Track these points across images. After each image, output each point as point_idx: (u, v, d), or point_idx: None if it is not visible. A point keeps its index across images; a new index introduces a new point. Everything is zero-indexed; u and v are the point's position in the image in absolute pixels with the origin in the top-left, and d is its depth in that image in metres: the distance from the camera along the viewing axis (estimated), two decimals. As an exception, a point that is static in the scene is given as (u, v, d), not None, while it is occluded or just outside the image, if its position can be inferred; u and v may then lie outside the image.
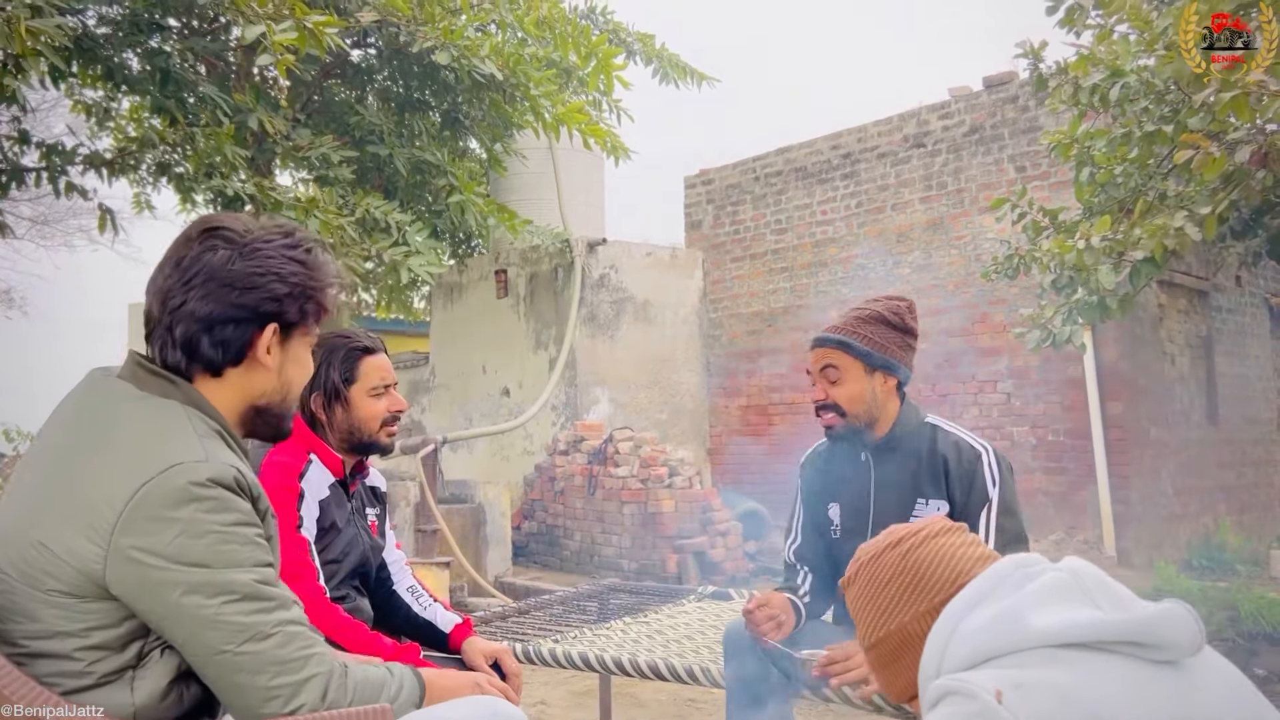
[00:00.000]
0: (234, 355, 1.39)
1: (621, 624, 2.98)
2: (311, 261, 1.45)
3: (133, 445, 1.31)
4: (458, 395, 10.48)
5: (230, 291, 1.37)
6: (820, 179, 9.22)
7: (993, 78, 8.10)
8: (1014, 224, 5.82)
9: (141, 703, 1.29)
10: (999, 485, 2.16)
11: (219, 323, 1.37)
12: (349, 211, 6.47)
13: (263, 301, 1.39)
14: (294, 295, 1.42)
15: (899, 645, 1.23)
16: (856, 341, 2.24)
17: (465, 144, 8.89)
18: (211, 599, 1.25)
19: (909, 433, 2.28)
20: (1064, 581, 1.11)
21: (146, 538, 1.25)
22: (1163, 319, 7.80)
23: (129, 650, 1.29)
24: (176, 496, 1.26)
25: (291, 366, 1.46)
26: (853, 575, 1.31)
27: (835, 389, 2.26)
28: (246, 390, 1.43)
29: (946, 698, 1.06)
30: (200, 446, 1.32)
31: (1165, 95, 5.04)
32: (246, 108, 6.30)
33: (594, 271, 9.42)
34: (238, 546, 1.29)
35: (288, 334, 1.44)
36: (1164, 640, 1.05)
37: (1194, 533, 7.74)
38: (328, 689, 1.30)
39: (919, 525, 1.28)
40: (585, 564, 7.99)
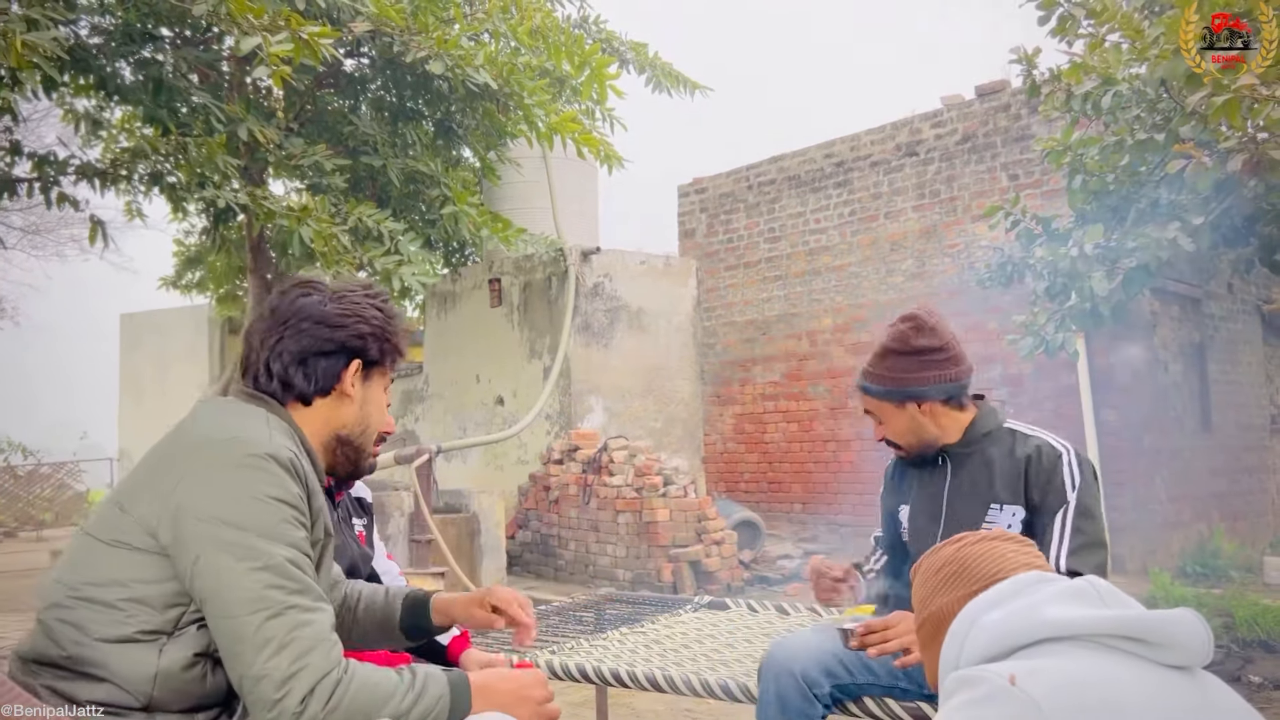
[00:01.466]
0: (324, 386, 1.58)
1: (619, 634, 2.97)
2: (388, 309, 1.65)
3: (205, 426, 1.47)
4: (452, 405, 10.46)
5: (323, 329, 1.57)
6: (813, 187, 9.23)
7: (985, 86, 8.13)
8: (1007, 231, 5.84)
9: (164, 667, 1.33)
10: (1078, 488, 2.11)
11: (313, 355, 1.56)
12: (341, 220, 6.46)
13: (350, 338, 1.58)
14: (375, 335, 1.61)
15: (935, 628, 1.29)
16: (873, 384, 2.26)
17: (459, 153, 8.89)
18: (238, 560, 1.31)
19: (983, 438, 2.23)
20: (1080, 587, 1.16)
21: (195, 492, 1.35)
22: (1156, 326, 7.82)
23: (168, 613, 1.35)
24: (231, 461, 1.38)
25: (371, 404, 1.65)
26: (916, 568, 1.41)
27: (882, 428, 2.31)
28: (332, 420, 1.60)
29: (961, 688, 1.10)
30: (266, 431, 1.45)
31: (1157, 104, 5.06)
32: (238, 117, 6.29)
33: (588, 280, 9.42)
34: (277, 520, 1.36)
35: (368, 373, 1.63)
36: (1171, 640, 1.06)
37: (1188, 540, 7.75)
38: (317, 685, 1.28)
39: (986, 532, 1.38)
40: (580, 573, 7.97)
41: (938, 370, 2.21)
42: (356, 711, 1.31)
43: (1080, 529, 2.07)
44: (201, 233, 9.66)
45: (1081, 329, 5.45)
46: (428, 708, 1.38)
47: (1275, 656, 5.11)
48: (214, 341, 13.85)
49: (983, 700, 1.05)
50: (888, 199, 8.67)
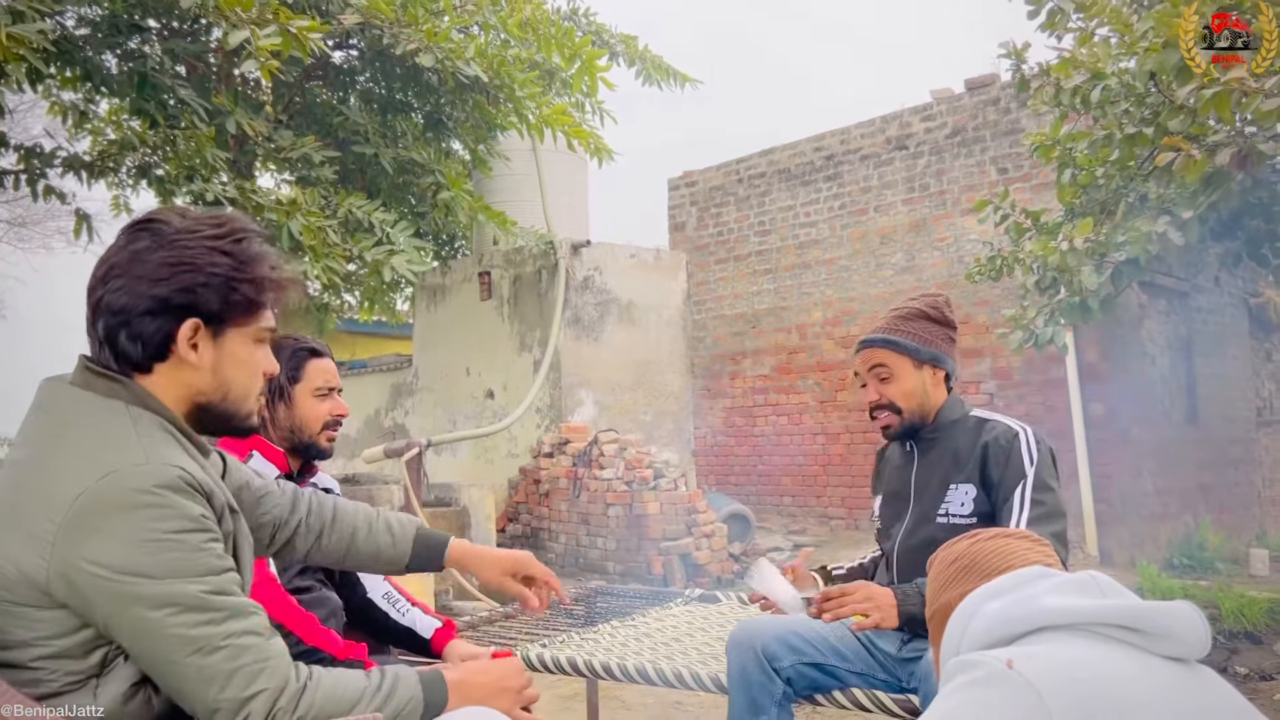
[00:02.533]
0: (154, 351, 1.33)
1: (609, 627, 2.97)
2: (240, 251, 1.36)
3: (72, 451, 1.27)
4: (441, 398, 10.44)
5: (144, 283, 1.31)
6: (803, 181, 9.24)
7: (974, 80, 8.14)
8: (996, 225, 5.85)
9: (107, 707, 1.25)
10: (1035, 463, 2.19)
11: (136, 316, 1.31)
12: (330, 212, 6.43)
13: (176, 293, 1.32)
14: (212, 286, 1.33)
15: (943, 620, 1.30)
16: (902, 338, 2.29)
17: (448, 145, 8.86)
18: (155, 610, 1.21)
19: (951, 423, 2.32)
20: (1081, 579, 1.18)
21: (86, 547, 1.21)
22: (1143, 320, 7.86)
23: (92, 657, 1.25)
24: (115, 503, 1.21)
25: (228, 364, 1.38)
26: (934, 555, 1.41)
27: (887, 387, 2.30)
28: (182, 387, 1.36)
29: (960, 671, 1.11)
30: (141, 449, 1.27)
31: (1145, 98, 5.08)
32: (226, 110, 6.25)
33: (578, 273, 9.41)
34: (183, 554, 1.23)
35: (219, 329, 1.36)
36: (1168, 631, 1.08)
37: (1174, 532, 7.80)
38: (276, 704, 1.24)
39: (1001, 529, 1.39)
40: (570, 566, 7.97)
41: (953, 348, 2.35)
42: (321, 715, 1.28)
43: (1039, 500, 2.16)
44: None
45: (1070, 322, 5.47)
46: (398, 707, 1.35)
47: (1261, 648, 5.15)
48: (202, 335, 13.78)
49: (979, 682, 1.06)
50: (877, 192, 8.68)
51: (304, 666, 1.31)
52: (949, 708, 1.08)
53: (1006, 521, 2.15)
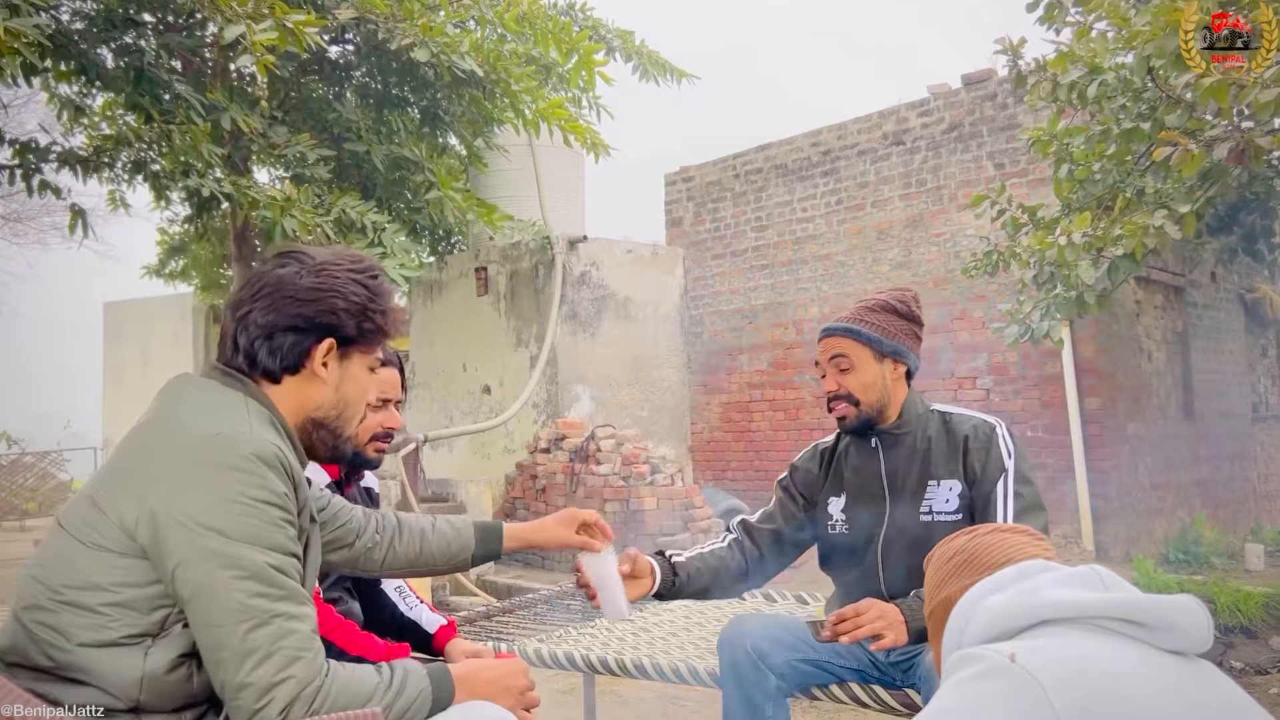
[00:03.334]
0: (290, 364, 1.47)
1: (607, 622, 2.97)
2: (375, 286, 1.53)
3: (185, 418, 1.39)
4: (438, 393, 10.43)
5: (291, 303, 1.46)
6: (800, 176, 9.23)
7: (971, 75, 8.14)
8: (993, 221, 5.85)
9: (150, 671, 1.30)
10: (1013, 456, 2.21)
11: (278, 331, 1.46)
12: (325, 211, 6.42)
13: (321, 314, 1.47)
14: (352, 312, 1.49)
15: (943, 616, 1.30)
16: (864, 329, 2.27)
17: (445, 140, 8.85)
18: (223, 569, 1.28)
19: (917, 419, 2.32)
20: (1082, 572, 1.19)
21: (177, 496, 1.30)
22: (1140, 315, 7.87)
23: (153, 615, 1.31)
24: (213, 462, 1.31)
25: (350, 385, 1.53)
26: (933, 551, 1.42)
27: (846, 377, 2.29)
28: (305, 401, 1.49)
29: (963, 665, 1.11)
30: (248, 424, 1.38)
31: (1142, 93, 5.08)
32: (221, 106, 6.24)
33: (575, 269, 9.40)
34: (261, 524, 1.31)
35: (346, 352, 1.51)
36: (1171, 625, 1.07)
37: (1170, 527, 7.81)
38: (299, 695, 1.28)
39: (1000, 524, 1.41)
40: (567, 562, 7.97)
41: (917, 344, 2.34)
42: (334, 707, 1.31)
43: (1020, 494, 2.18)
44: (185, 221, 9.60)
45: (1066, 317, 5.47)
46: (408, 702, 1.39)
47: (1256, 642, 5.16)
48: (198, 330, 13.77)
49: (982, 675, 1.06)
50: (874, 188, 8.67)
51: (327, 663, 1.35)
52: (952, 701, 1.08)
53: (994, 516, 2.15)
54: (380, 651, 1.92)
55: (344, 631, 1.93)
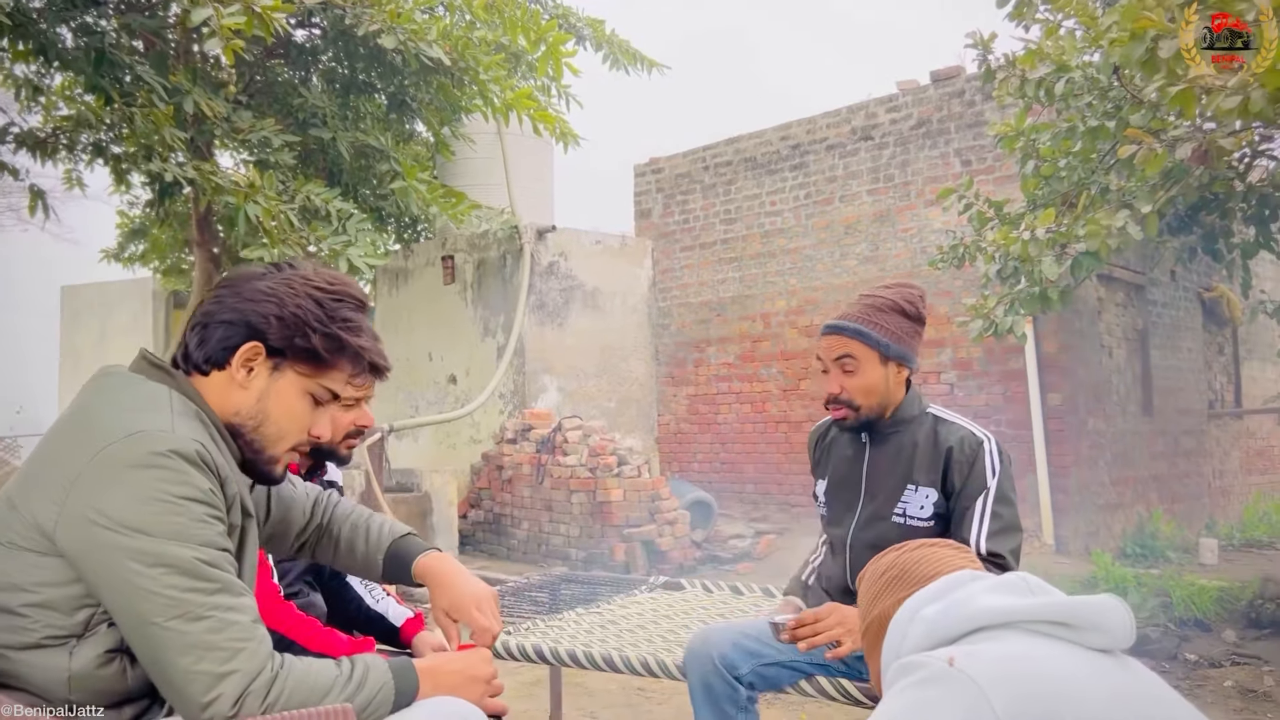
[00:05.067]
0: (213, 358, 1.43)
1: (574, 615, 2.96)
2: (333, 308, 1.46)
3: (106, 415, 1.34)
4: (403, 382, 10.35)
5: (237, 299, 1.44)
6: (769, 170, 9.25)
7: (940, 72, 8.19)
8: (960, 215, 5.90)
9: (77, 669, 1.27)
10: (998, 475, 2.18)
11: (214, 323, 1.43)
12: (289, 198, 6.33)
13: (254, 315, 1.43)
14: (286, 322, 1.43)
15: (878, 631, 1.33)
16: (875, 331, 2.22)
17: (412, 127, 8.75)
18: (149, 568, 1.24)
19: (909, 419, 2.29)
20: (1011, 580, 1.24)
21: (96, 497, 1.26)
22: (1101, 312, 7.97)
23: (77, 615, 1.28)
24: (133, 461, 1.27)
25: (275, 401, 1.45)
26: (863, 573, 1.45)
27: (850, 379, 2.24)
28: (224, 401, 1.44)
29: (904, 674, 1.14)
30: (170, 420, 1.34)
31: (1108, 91, 5.14)
32: (184, 89, 6.12)
33: (543, 259, 9.36)
34: (186, 520, 1.27)
35: (279, 365, 1.45)
36: (1095, 624, 1.13)
37: (1128, 521, 7.94)
38: (249, 687, 1.25)
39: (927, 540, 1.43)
40: (533, 553, 7.96)
41: (919, 344, 2.30)
42: (294, 707, 1.28)
43: (998, 514, 2.15)
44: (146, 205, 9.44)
45: (1030, 313, 5.53)
46: (369, 696, 1.35)
47: (1210, 635, 5.25)
48: (158, 315, 13.55)
49: (923, 682, 1.09)
50: (843, 182, 8.71)
51: (278, 655, 1.32)
52: (895, 709, 1.11)
53: (965, 531, 2.13)
54: (343, 647, 1.89)
55: (304, 629, 1.90)
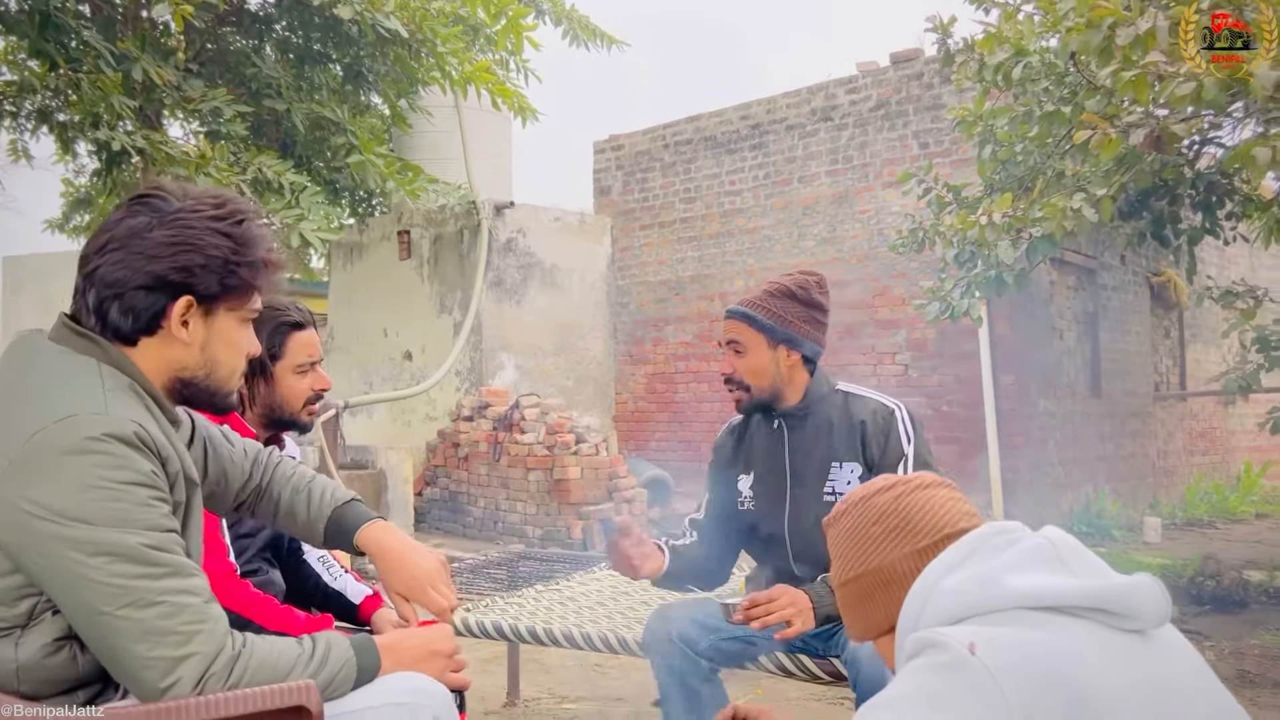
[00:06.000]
0: (144, 325, 1.35)
1: (534, 592, 2.97)
2: (239, 234, 1.39)
3: (34, 396, 1.28)
4: (357, 358, 10.24)
5: (142, 259, 1.33)
6: (729, 149, 9.25)
7: (899, 54, 8.22)
8: (919, 199, 5.94)
9: (25, 660, 1.24)
10: (913, 441, 2.25)
11: (130, 290, 1.33)
12: (241, 170, 6.21)
13: (174, 271, 1.34)
14: (211, 268, 1.36)
15: (876, 584, 1.26)
16: (760, 315, 2.28)
17: (368, 99, 8.61)
18: (93, 557, 1.20)
19: (820, 400, 2.33)
20: (1042, 548, 1.16)
21: (32, 487, 1.21)
22: (1053, 295, 8.09)
23: (20, 606, 1.24)
24: (67, 447, 1.22)
25: (217, 343, 1.40)
26: (839, 513, 1.33)
27: (739, 361, 2.30)
28: (166, 361, 1.38)
29: (924, 650, 1.10)
30: (103, 400, 1.28)
31: (1064, 77, 5.19)
32: (133, 55, 5.96)
33: (501, 235, 9.29)
34: (128, 505, 1.23)
35: (210, 308, 1.39)
36: (1133, 609, 1.09)
37: (1076, 500, 8.10)
38: (209, 669, 1.23)
39: (913, 476, 1.31)
40: (489, 530, 7.94)
41: (816, 330, 2.33)
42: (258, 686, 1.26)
43: None
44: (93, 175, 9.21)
45: (986, 296, 5.60)
46: (332, 673, 1.34)
47: (1154, 610, 5.38)
48: (105, 289, 13.25)
49: (941, 668, 1.05)
50: (802, 163, 8.73)
51: (238, 634, 1.29)
52: (908, 690, 1.08)
53: None
54: (301, 625, 1.87)
55: (261, 607, 1.87)
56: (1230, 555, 6.44)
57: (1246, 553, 6.88)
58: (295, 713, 1.22)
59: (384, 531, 1.64)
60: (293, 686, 1.23)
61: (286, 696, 1.21)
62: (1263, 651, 4.03)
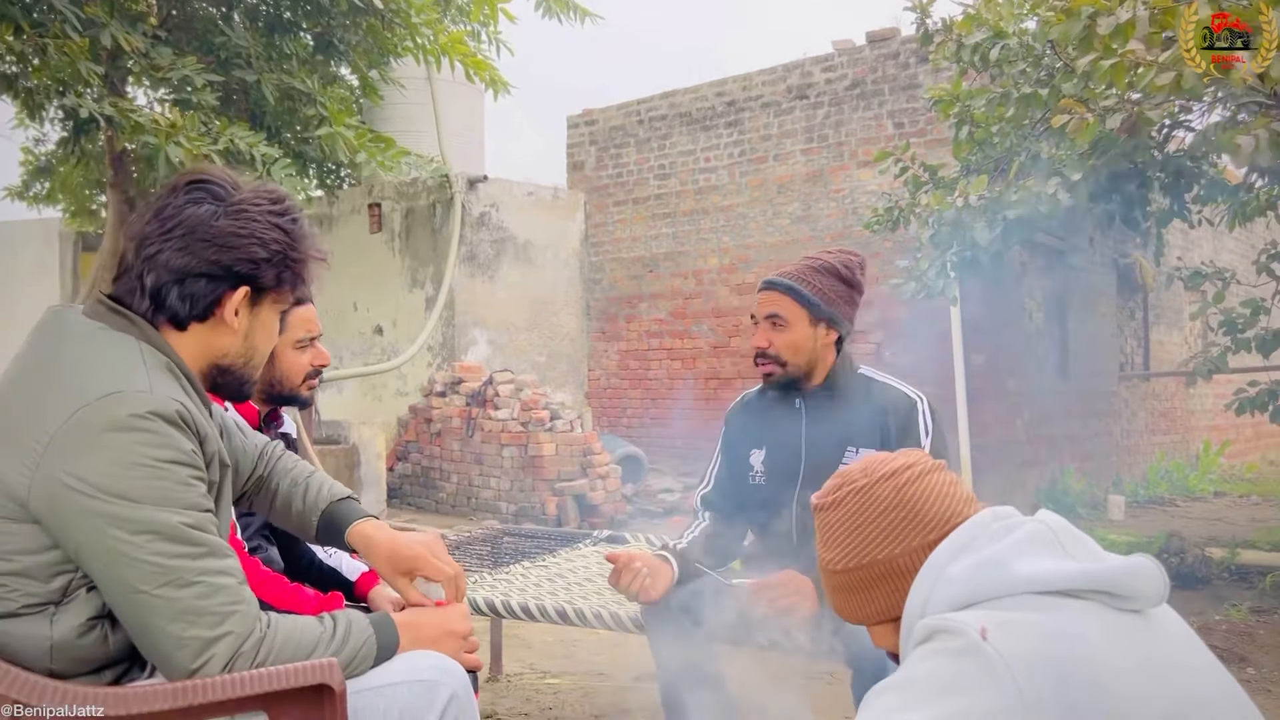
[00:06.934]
0: (200, 312, 1.38)
1: (520, 568, 2.97)
2: (296, 231, 1.44)
3: (75, 372, 1.28)
4: (327, 333, 10.01)
5: (208, 248, 1.36)
6: (704, 126, 9.23)
7: (875, 33, 8.24)
8: (895, 178, 5.97)
9: (59, 638, 1.24)
10: (931, 434, 2.25)
11: (191, 276, 1.36)
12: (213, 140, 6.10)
13: (239, 262, 1.38)
14: (272, 261, 1.41)
15: (880, 575, 1.23)
16: (806, 290, 2.25)
17: (338, 69, 8.48)
18: (135, 535, 1.21)
19: (843, 383, 2.32)
20: (1041, 533, 1.17)
21: (75, 462, 1.21)
22: (1024, 276, 8.19)
23: (55, 582, 1.25)
24: (112, 424, 1.22)
25: (259, 332, 1.46)
26: (838, 499, 1.28)
27: (778, 335, 2.28)
28: (209, 347, 1.41)
29: (935, 635, 1.10)
30: (146, 377, 1.29)
31: (1041, 59, 5.24)
32: (100, 21, 5.82)
33: (474, 209, 9.22)
34: (171, 484, 1.25)
35: (259, 299, 1.43)
36: (1135, 590, 1.11)
37: (1042, 478, 8.24)
38: (240, 649, 1.24)
39: (910, 460, 1.28)
40: (462, 506, 7.93)
41: (854, 311, 2.34)
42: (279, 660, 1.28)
43: None
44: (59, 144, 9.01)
45: (961, 276, 5.66)
46: (354, 651, 1.36)
47: (1119, 586, 5.50)
48: (65, 258, 12.99)
49: (953, 653, 1.05)
50: (777, 141, 8.74)
51: (264, 614, 1.31)
52: (919, 674, 1.08)
53: None
54: (311, 604, 1.87)
55: (271, 586, 1.87)
56: (1191, 532, 6.59)
57: (1207, 530, 7.05)
58: (318, 691, 1.22)
59: (376, 528, 1.65)
60: (316, 665, 1.24)
61: (310, 675, 1.22)
62: (1229, 627, 4.13)
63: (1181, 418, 11.13)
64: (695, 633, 2.18)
